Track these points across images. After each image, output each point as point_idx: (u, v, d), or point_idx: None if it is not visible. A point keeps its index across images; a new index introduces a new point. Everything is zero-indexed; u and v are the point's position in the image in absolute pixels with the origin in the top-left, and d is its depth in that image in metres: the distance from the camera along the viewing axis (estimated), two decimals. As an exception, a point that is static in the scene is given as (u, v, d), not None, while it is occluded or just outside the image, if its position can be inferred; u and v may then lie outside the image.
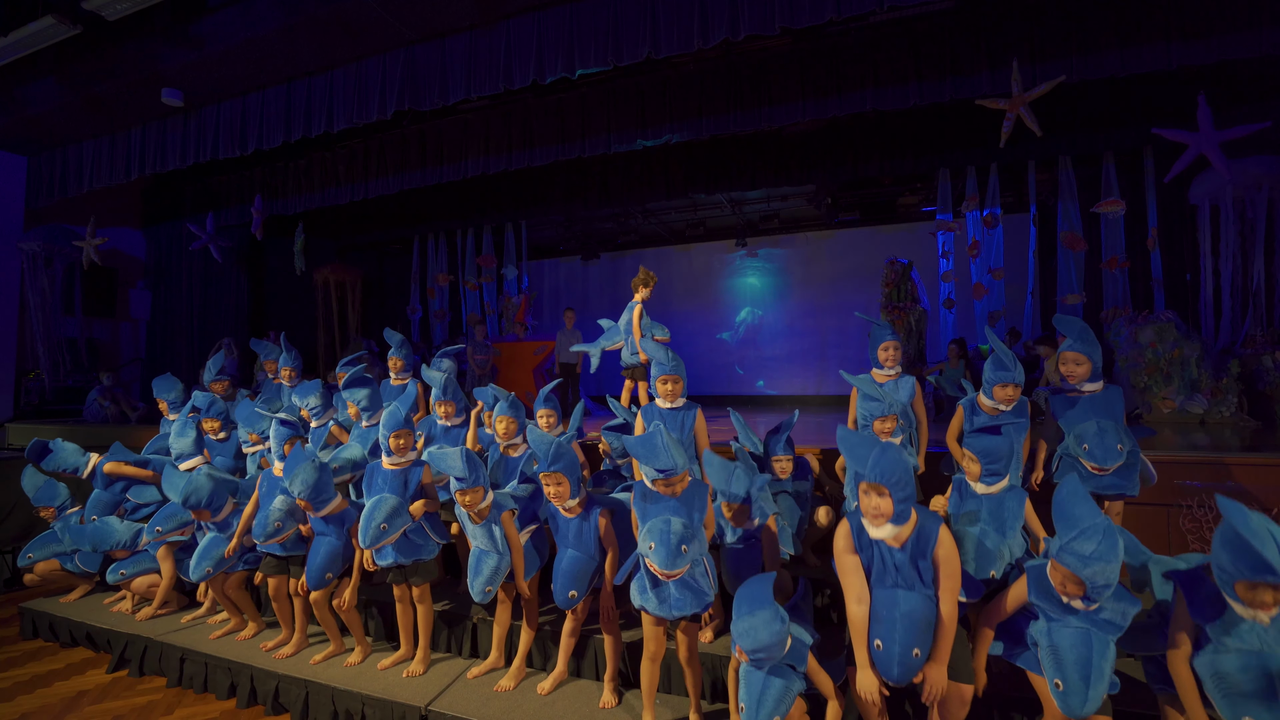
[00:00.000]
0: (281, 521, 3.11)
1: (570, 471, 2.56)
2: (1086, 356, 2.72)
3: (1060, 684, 1.85)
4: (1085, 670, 1.82)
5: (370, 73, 5.61)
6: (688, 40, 4.58)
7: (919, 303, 7.31)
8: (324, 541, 3.08)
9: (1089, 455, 2.63)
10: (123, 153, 7.01)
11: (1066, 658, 1.86)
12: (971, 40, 5.07)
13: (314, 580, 3.06)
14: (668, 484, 2.31)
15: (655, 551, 2.18)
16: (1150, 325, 5.60)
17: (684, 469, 2.33)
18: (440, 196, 9.29)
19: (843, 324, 10.15)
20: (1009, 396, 2.74)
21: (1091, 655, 1.84)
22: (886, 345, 3.21)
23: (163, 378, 4.68)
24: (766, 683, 2.04)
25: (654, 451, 2.30)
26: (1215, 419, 5.17)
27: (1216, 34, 4.47)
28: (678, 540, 2.17)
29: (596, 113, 6.32)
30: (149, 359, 9.26)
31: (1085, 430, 2.68)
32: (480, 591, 2.70)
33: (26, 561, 4.17)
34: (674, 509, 2.26)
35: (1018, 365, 2.75)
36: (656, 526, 2.21)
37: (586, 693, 2.73)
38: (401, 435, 2.98)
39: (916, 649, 1.97)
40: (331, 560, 3.07)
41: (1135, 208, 6.87)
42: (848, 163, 7.24)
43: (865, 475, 2.01)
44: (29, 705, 3.11)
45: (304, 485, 2.92)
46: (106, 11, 5.09)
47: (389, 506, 2.83)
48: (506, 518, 2.78)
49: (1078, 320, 2.78)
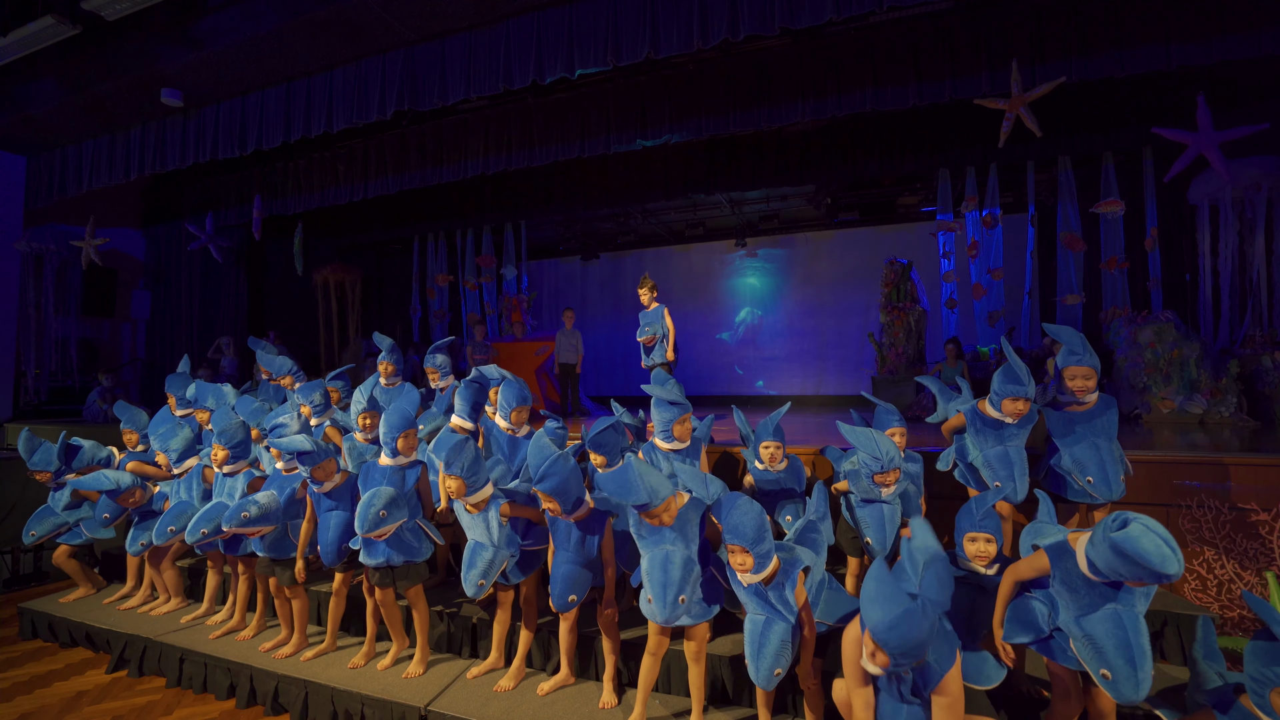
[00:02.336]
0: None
1: (560, 494, 2.47)
2: (1093, 370, 2.66)
3: (1108, 674, 1.80)
4: (1129, 653, 1.78)
5: (370, 73, 5.61)
6: (687, 40, 4.58)
7: (918, 303, 7.32)
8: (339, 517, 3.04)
9: (1093, 487, 2.62)
10: (122, 153, 7.01)
11: (1106, 645, 1.81)
12: (971, 40, 5.07)
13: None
14: (652, 515, 2.25)
15: (653, 607, 2.18)
16: (1149, 325, 5.60)
17: (667, 495, 2.24)
18: (440, 196, 9.31)
19: (842, 324, 10.16)
20: (1018, 410, 2.71)
21: (1129, 635, 1.81)
22: (894, 431, 3.05)
23: (174, 375, 4.67)
24: (766, 632, 2.03)
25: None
26: (1214, 419, 5.17)
27: (1216, 34, 4.47)
28: (675, 593, 2.18)
29: (596, 113, 6.32)
30: (148, 359, 9.26)
31: (1086, 459, 2.64)
32: (474, 585, 2.65)
33: (31, 539, 4.08)
34: (671, 539, 2.25)
35: (1030, 379, 2.70)
36: (655, 577, 2.20)
37: (586, 693, 2.73)
38: (408, 435, 2.98)
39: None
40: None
41: (1135, 208, 6.87)
42: (847, 163, 7.24)
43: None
44: (28, 705, 3.10)
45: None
46: (106, 11, 5.09)
47: (387, 495, 2.81)
48: (506, 509, 2.76)
49: (1071, 329, 2.72)
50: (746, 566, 2.06)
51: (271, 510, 3.14)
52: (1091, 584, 1.85)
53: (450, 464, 2.61)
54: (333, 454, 3.08)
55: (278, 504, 3.17)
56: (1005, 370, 2.73)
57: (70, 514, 4.13)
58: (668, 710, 2.60)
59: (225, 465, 3.48)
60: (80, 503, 4.13)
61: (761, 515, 2.07)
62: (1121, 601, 1.83)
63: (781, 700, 2.54)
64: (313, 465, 3.00)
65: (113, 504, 3.91)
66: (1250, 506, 2.97)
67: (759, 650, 2.04)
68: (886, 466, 2.58)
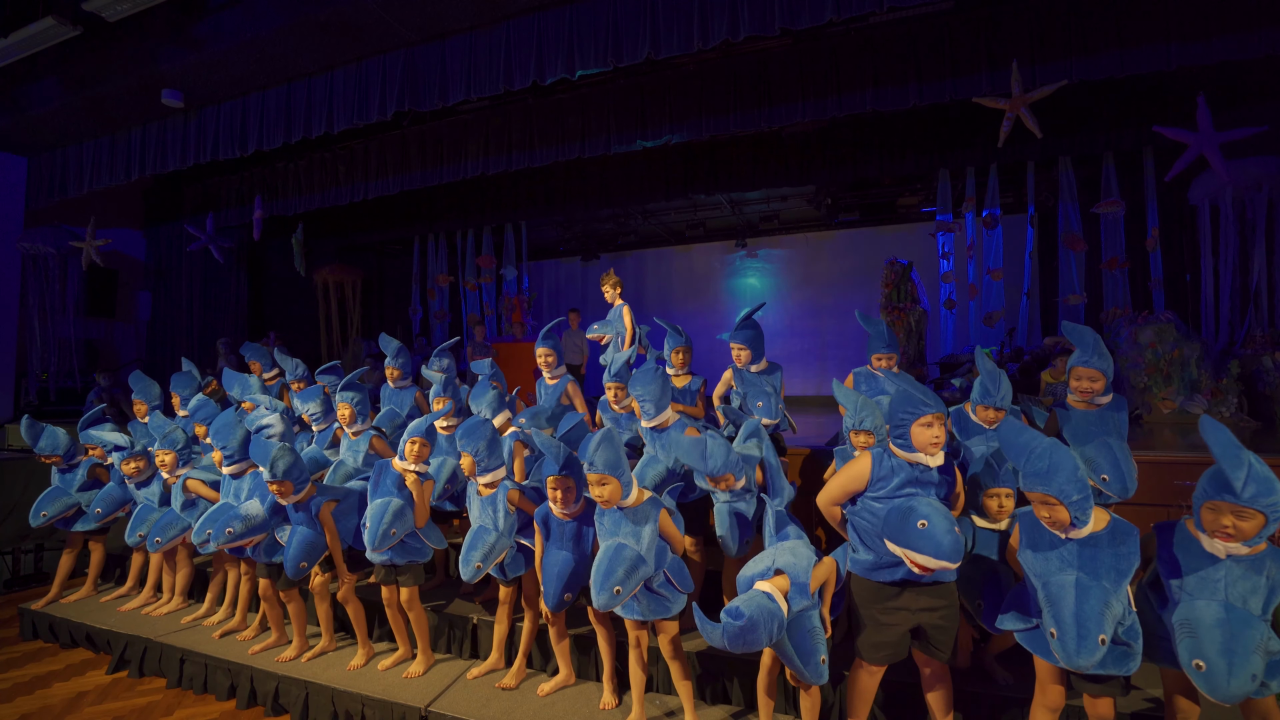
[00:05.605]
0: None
1: (579, 477, 2.53)
2: (1102, 373, 2.61)
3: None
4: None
5: (370, 73, 5.61)
6: (687, 41, 4.58)
7: (919, 303, 7.32)
8: (299, 532, 3.05)
9: (1108, 485, 2.57)
10: (123, 153, 7.01)
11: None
12: (971, 40, 5.07)
13: (292, 570, 3.03)
14: (601, 482, 2.28)
15: (593, 590, 2.22)
16: (1150, 326, 5.59)
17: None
18: (440, 197, 9.31)
19: (842, 325, 10.16)
20: (989, 419, 2.70)
21: (1080, 605, 1.76)
22: (880, 356, 3.19)
23: (178, 375, 4.68)
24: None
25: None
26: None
27: (1216, 34, 4.47)
28: (612, 581, 2.21)
29: (596, 113, 6.33)
30: (149, 360, 9.26)
31: (1099, 458, 2.59)
32: (471, 568, 2.64)
33: (42, 520, 4.00)
34: (625, 532, 2.30)
35: (1000, 387, 2.67)
36: (600, 562, 2.26)
37: (586, 694, 2.73)
38: (418, 441, 2.99)
39: None
40: (310, 550, 3.05)
41: (1135, 208, 6.87)
42: (847, 163, 7.24)
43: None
44: (29, 706, 3.11)
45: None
46: (107, 12, 5.09)
47: (395, 509, 2.82)
48: (514, 495, 2.77)
49: (1090, 330, 2.66)
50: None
51: (257, 522, 3.11)
52: (1056, 547, 1.87)
53: (463, 441, 2.73)
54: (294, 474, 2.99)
55: (262, 514, 3.14)
56: (979, 382, 2.74)
57: (84, 495, 4.09)
58: (667, 710, 2.61)
59: (228, 466, 3.47)
60: (94, 483, 4.11)
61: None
62: (1088, 572, 1.81)
63: (782, 701, 2.54)
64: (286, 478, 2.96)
65: (107, 500, 3.91)
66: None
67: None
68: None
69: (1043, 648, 1.91)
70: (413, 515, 2.91)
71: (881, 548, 2.06)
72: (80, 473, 4.15)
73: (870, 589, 2.13)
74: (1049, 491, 1.81)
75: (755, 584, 2.05)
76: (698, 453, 2.48)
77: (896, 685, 2.43)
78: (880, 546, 2.06)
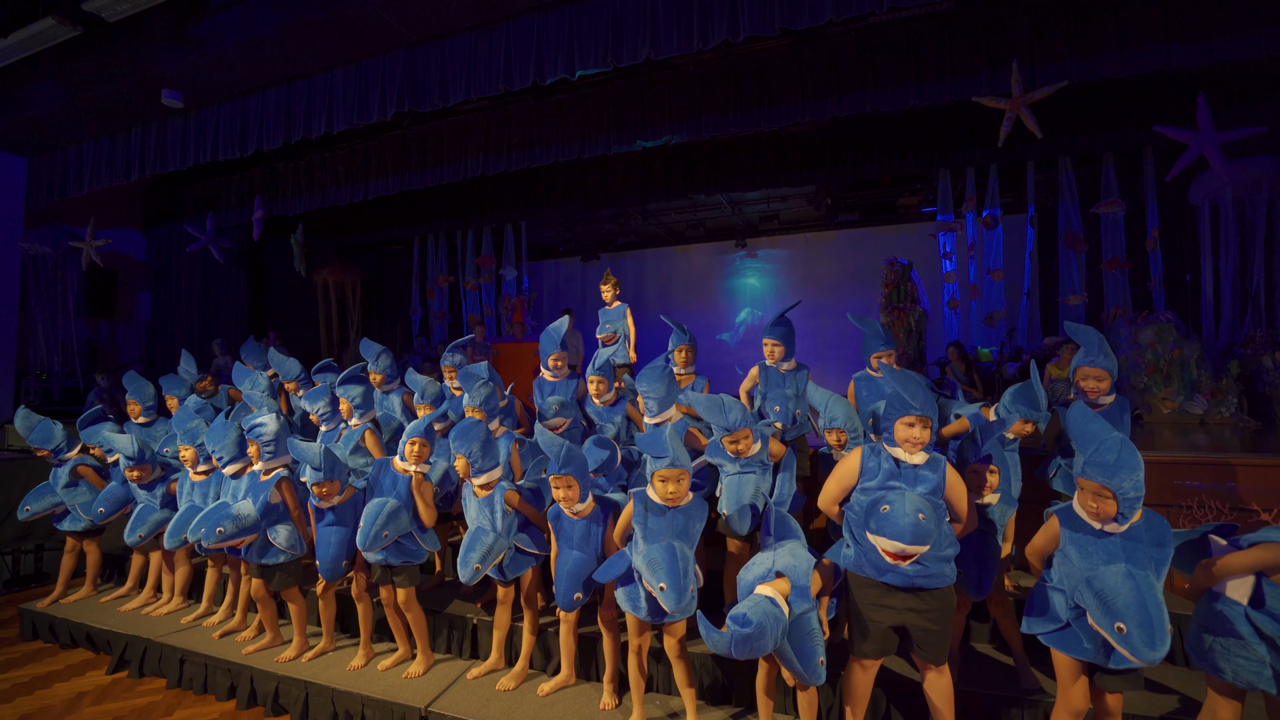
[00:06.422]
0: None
1: (582, 475, 2.54)
2: (1108, 372, 2.61)
3: (1123, 627, 1.72)
4: (1142, 605, 1.71)
5: (370, 74, 5.62)
6: (687, 41, 4.58)
7: (919, 303, 7.31)
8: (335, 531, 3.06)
9: None
10: (123, 154, 7.02)
11: (1117, 598, 1.75)
12: (971, 41, 5.07)
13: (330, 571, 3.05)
14: (679, 481, 2.30)
15: (666, 595, 2.16)
16: (1150, 326, 5.59)
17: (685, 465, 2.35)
18: (440, 197, 9.31)
19: (843, 325, 10.14)
20: (1024, 431, 2.65)
21: (1142, 591, 1.75)
22: (880, 355, 3.17)
23: (168, 376, 4.67)
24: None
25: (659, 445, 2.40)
26: (1215, 419, 5.17)
27: (1216, 35, 4.47)
28: (690, 581, 2.19)
29: (596, 114, 6.33)
30: (149, 360, 9.27)
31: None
32: (470, 569, 2.62)
33: (26, 515, 4.00)
34: (677, 526, 2.29)
35: (1042, 406, 2.63)
36: (664, 561, 2.19)
37: (586, 694, 2.73)
38: (417, 442, 2.97)
39: None
40: (350, 549, 3.06)
41: (1135, 208, 6.87)
42: (847, 163, 7.24)
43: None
44: (29, 706, 3.10)
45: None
46: (107, 13, 5.09)
47: (389, 510, 2.82)
48: (512, 496, 2.77)
49: (1094, 330, 2.67)
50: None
51: (248, 523, 3.09)
52: (1101, 539, 1.86)
53: (456, 443, 2.73)
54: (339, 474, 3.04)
55: (254, 514, 3.11)
56: (1019, 392, 2.65)
57: (67, 494, 4.05)
58: (667, 710, 2.61)
59: (228, 466, 3.47)
60: (77, 483, 4.07)
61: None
62: (1134, 563, 1.80)
63: (782, 700, 2.54)
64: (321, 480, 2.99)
65: (109, 499, 3.91)
66: (1251, 507, 2.97)
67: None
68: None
69: (1076, 646, 1.90)
70: (408, 517, 2.90)
71: (868, 542, 2.08)
72: (65, 470, 4.09)
73: (859, 583, 2.16)
74: (1109, 484, 1.80)
75: (757, 587, 2.06)
76: (717, 408, 2.57)
77: (897, 684, 2.43)
78: (867, 540, 2.09)
